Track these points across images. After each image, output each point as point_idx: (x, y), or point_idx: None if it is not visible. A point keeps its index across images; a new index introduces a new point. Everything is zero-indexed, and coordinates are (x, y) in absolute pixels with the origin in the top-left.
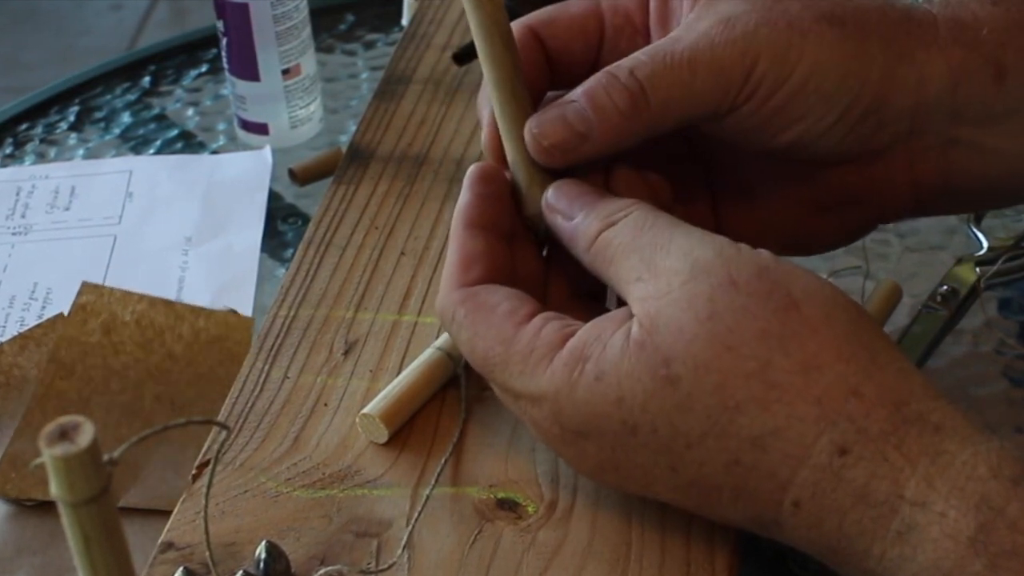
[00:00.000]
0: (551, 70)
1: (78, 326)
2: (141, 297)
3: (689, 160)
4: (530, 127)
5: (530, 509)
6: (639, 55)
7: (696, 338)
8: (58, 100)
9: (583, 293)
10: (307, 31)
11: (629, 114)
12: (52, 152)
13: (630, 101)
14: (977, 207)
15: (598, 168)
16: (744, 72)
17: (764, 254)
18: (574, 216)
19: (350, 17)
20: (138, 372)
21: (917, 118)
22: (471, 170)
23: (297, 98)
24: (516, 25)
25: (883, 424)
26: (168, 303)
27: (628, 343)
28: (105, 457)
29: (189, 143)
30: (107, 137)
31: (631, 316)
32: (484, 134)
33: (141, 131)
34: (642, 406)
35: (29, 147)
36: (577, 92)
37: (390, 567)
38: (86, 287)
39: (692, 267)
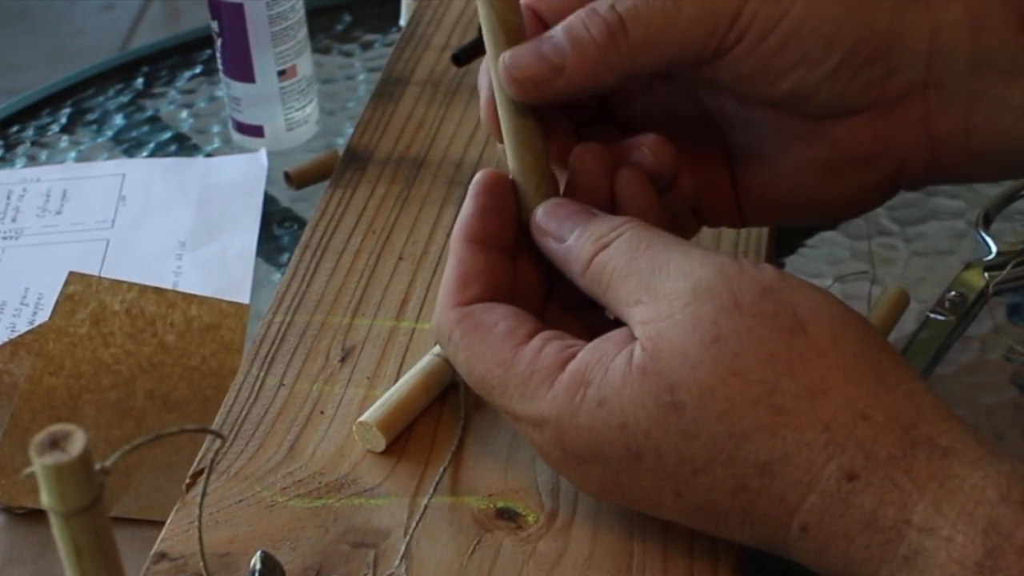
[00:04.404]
0: None
1: (66, 317)
2: (131, 285)
3: (703, 124)
4: (503, 59)
5: (530, 519)
6: None
7: (701, 363)
8: (50, 102)
9: (582, 304)
10: (303, 32)
11: (606, 47)
12: (43, 155)
13: (607, 33)
14: (999, 172)
15: (602, 171)
16: (733, 10)
17: (768, 270)
18: (565, 238)
19: (347, 17)
20: (129, 366)
21: (933, 67)
22: (477, 179)
23: (293, 100)
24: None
25: (892, 448)
26: (159, 291)
27: (630, 368)
28: (97, 466)
29: (183, 146)
30: (99, 139)
31: (632, 338)
32: (482, 109)
33: (134, 133)
34: (646, 433)
35: (20, 150)
36: (556, 27)
37: None
38: (73, 277)
39: (694, 289)
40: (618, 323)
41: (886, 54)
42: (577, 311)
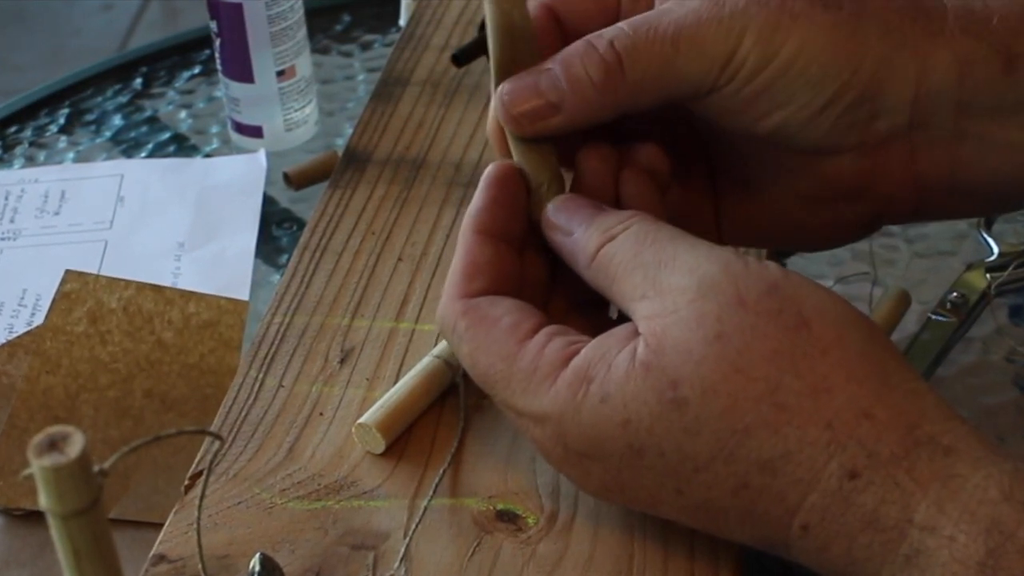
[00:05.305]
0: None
1: (63, 316)
2: (128, 283)
3: (692, 141)
4: (500, 91)
5: (530, 521)
6: (623, 25)
7: (704, 360)
8: (48, 102)
9: (587, 302)
10: (302, 32)
11: (603, 88)
12: (42, 155)
13: (606, 74)
14: (985, 209)
15: (607, 171)
16: (727, 52)
17: (772, 268)
18: (572, 231)
19: (346, 17)
20: (127, 364)
21: (918, 110)
22: (489, 170)
23: (292, 100)
24: (531, 3)
25: (894, 448)
26: (157, 288)
27: (634, 364)
28: (95, 468)
29: (182, 146)
30: (98, 140)
31: (636, 334)
32: (490, 119)
33: (133, 134)
34: (648, 429)
35: (18, 150)
36: (555, 59)
37: None
38: (70, 275)
39: (699, 284)
40: (621, 321)
41: (871, 99)
42: (581, 308)
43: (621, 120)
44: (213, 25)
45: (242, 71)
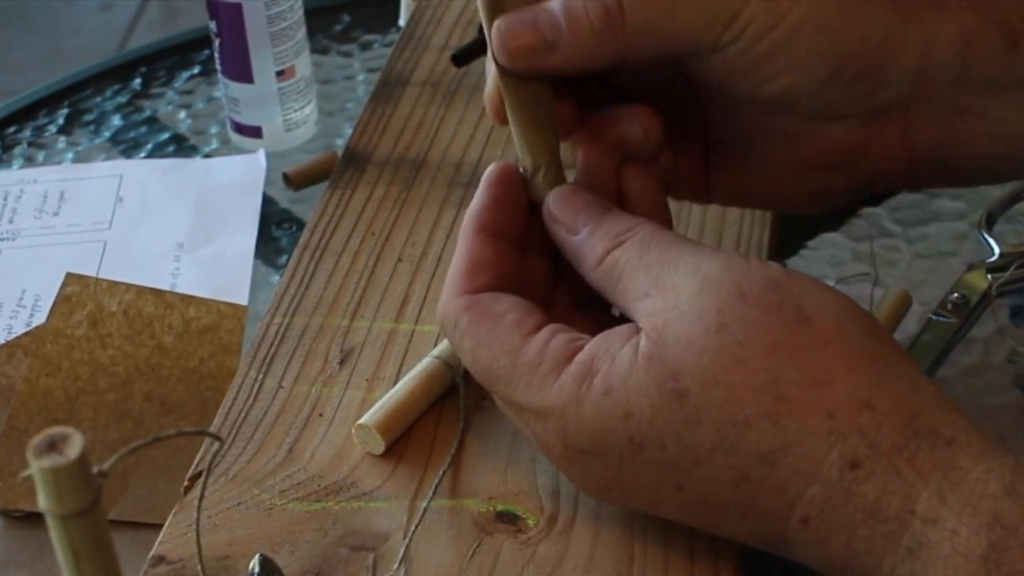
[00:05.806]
0: None
1: (63, 319)
2: (128, 287)
3: (689, 102)
4: (497, 24)
5: (530, 522)
6: None
7: (705, 351)
8: (47, 102)
9: (589, 301)
10: (302, 32)
11: (602, 32)
12: (41, 156)
13: (605, 19)
14: (975, 181)
15: (610, 167)
16: (731, 11)
17: (774, 266)
18: (578, 231)
19: (346, 18)
20: (127, 367)
21: (920, 83)
22: (490, 170)
23: (292, 100)
24: None
25: (895, 438)
26: (157, 292)
27: (636, 357)
28: (95, 469)
29: (181, 146)
30: (97, 140)
31: (638, 330)
32: (487, 88)
33: (132, 134)
34: (649, 421)
35: (17, 151)
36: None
37: None
38: (70, 278)
39: (701, 281)
40: (624, 320)
41: (876, 70)
42: (582, 309)
43: (621, 74)
44: (212, 25)
45: (241, 71)
